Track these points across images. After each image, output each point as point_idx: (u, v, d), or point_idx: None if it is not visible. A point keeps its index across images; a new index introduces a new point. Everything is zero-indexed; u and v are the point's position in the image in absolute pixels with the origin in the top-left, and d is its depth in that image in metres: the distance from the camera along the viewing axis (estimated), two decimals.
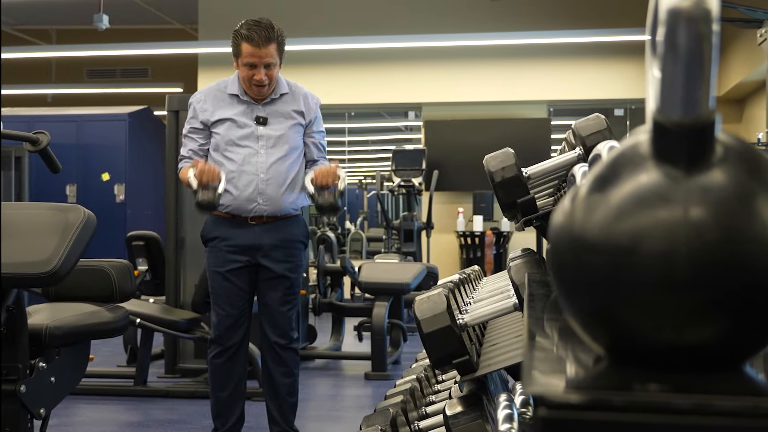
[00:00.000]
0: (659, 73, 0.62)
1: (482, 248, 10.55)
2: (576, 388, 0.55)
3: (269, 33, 3.67)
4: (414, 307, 2.02)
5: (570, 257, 0.61)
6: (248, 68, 3.70)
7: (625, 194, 0.59)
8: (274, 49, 3.70)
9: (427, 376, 3.06)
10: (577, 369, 0.64)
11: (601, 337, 0.63)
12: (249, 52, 3.67)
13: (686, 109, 0.59)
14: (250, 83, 3.73)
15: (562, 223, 0.63)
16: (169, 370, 5.94)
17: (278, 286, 3.81)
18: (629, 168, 0.60)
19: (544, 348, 0.78)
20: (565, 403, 0.52)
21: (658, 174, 0.59)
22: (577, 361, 0.67)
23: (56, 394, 2.86)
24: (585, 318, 0.63)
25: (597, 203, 0.60)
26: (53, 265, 2.53)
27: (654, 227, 0.57)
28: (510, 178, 2.25)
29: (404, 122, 13.76)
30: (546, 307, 1.27)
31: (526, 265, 2.17)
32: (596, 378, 0.60)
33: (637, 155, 0.61)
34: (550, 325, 1.00)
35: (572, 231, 0.61)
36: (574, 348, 0.73)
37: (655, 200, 0.58)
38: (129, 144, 10.65)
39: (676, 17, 0.58)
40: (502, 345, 2.26)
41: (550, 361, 0.68)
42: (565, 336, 0.88)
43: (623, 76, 10.86)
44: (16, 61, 13.13)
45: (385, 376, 6.00)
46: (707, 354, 0.59)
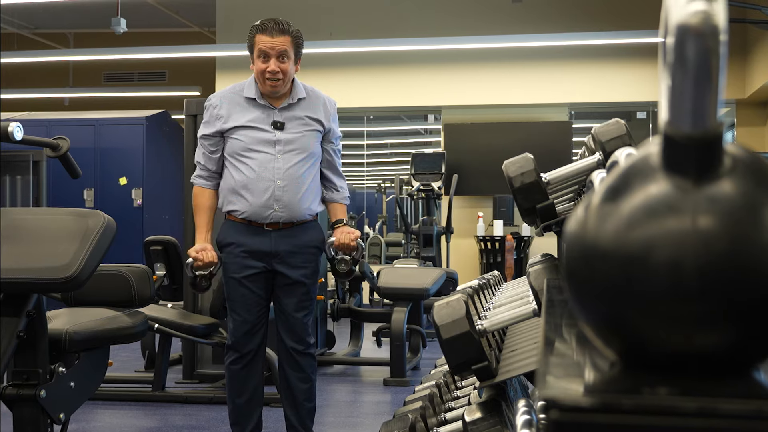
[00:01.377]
0: (668, 86, 0.64)
1: (502, 253, 10.54)
2: (587, 392, 0.58)
3: (283, 25, 3.73)
4: (433, 312, 2.04)
5: (582, 265, 0.64)
6: (262, 60, 3.73)
7: (636, 204, 0.62)
8: (288, 42, 3.73)
9: (446, 382, 3.08)
10: (590, 374, 0.67)
11: (612, 343, 0.65)
12: (262, 41, 3.72)
13: (695, 122, 0.62)
14: (263, 78, 3.75)
15: (575, 231, 0.66)
16: (187, 375, 5.99)
17: (294, 292, 3.83)
18: (640, 179, 0.63)
19: (561, 353, 0.80)
20: (576, 406, 0.55)
21: (668, 185, 0.61)
22: (590, 366, 0.69)
23: (76, 399, 2.90)
24: (597, 324, 0.65)
25: (609, 213, 0.63)
26: (73, 271, 2.57)
27: (664, 237, 0.60)
28: (529, 184, 2.27)
29: (424, 125, 13.80)
30: (564, 312, 1.29)
31: (546, 270, 2.19)
32: (607, 382, 0.63)
33: (648, 166, 0.64)
34: (568, 330, 1.02)
35: (584, 239, 0.64)
36: (590, 353, 0.75)
37: (664, 211, 0.60)
38: (146, 148, 10.72)
39: (684, 32, 0.61)
40: (521, 351, 2.27)
41: (565, 366, 0.71)
42: (582, 342, 0.91)
43: (646, 79, 10.83)
44: (33, 65, 13.26)
45: (404, 382, 6.02)
46: (716, 359, 0.62)
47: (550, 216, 2.27)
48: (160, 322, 5.26)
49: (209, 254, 3.77)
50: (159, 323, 5.26)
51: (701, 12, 0.60)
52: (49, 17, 13.15)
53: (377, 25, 11.15)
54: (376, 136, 13.50)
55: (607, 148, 2.19)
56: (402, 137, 14.59)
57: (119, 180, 10.62)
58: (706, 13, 0.60)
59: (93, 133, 10.66)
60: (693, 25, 0.60)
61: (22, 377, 2.74)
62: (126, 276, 3.39)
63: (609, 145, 2.19)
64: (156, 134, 11.00)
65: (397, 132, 14.37)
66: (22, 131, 2.64)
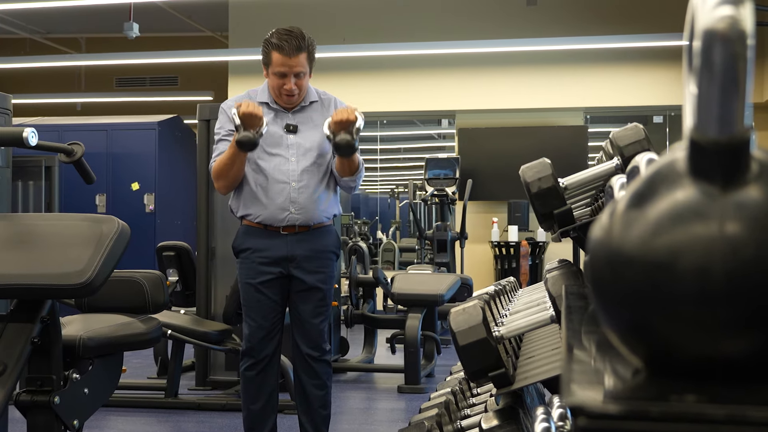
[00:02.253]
0: (695, 91, 0.65)
1: (517, 259, 10.53)
2: (615, 399, 0.58)
3: (300, 42, 3.71)
4: (449, 319, 2.04)
5: (608, 271, 0.64)
6: (278, 77, 3.74)
7: (662, 210, 0.62)
8: (304, 59, 3.74)
9: (461, 389, 3.08)
10: (615, 380, 0.67)
11: (638, 350, 0.66)
12: (279, 62, 3.71)
13: (722, 128, 0.62)
14: (279, 92, 3.78)
15: (600, 237, 0.66)
16: (200, 382, 6.00)
17: (310, 297, 3.83)
18: (666, 184, 0.63)
19: (583, 360, 0.80)
20: (604, 413, 0.55)
21: (695, 191, 0.62)
22: (615, 373, 0.69)
23: (90, 405, 2.91)
24: (622, 331, 0.65)
25: (634, 219, 0.63)
26: (87, 276, 2.58)
27: (690, 243, 0.60)
28: (546, 189, 2.26)
29: (437, 130, 13.81)
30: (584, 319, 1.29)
31: (563, 276, 2.19)
32: (634, 389, 0.63)
33: (674, 172, 0.64)
34: (588, 337, 1.02)
35: (610, 245, 0.64)
36: (612, 360, 0.75)
37: (691, 216, 0.61)
38: (158, 153, 10.75)
39: (711, 38, 0.61)
40: (538, 358, 2.27)
41: (589, 372, 0.71)
42: (602, 348, 0.91)
43: (662, 83, 10.80)
44: (45, 69, 13.31)
45: (418, 389, 6.02)
46: (743, 366, 0.62)
47: (567, 222, 2.27)
48: (173, 328, 5.28)
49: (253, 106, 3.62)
50: (172, 329, 5.27)
51: (728, 17, 0.60)
52: (61, 22, 13.21)
53: (390, 30, 11.16)
54: (389, 140, 13.50)
55: (626, 152, 2.19)
56: (415, 142, 14.60)
57: (131, 185, 10.65)
58: (734, 18, 0.60)
59: (105, 138, 10.70)
60: (720, 30, 0.61)
61: (36, 384, 2.75)
62: (140, 282, 3.40)
63: (627, 150, 2.19)
64: (168, 139, 11.03)
65: (410, 137, 14.38)
66: (36, 137, 2.66)
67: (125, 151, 10.73)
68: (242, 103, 3.60)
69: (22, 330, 2.66)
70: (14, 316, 2.69)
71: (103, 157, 10.44)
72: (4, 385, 2.56)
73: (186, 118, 11.56)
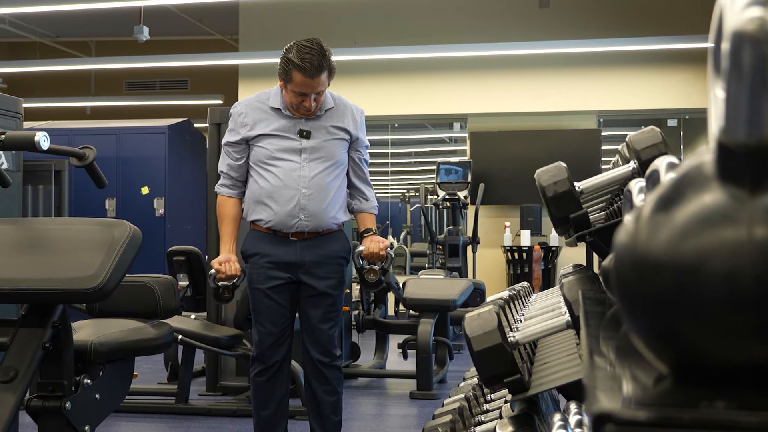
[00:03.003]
0: (723, 94, 0.64)
1: (530, 264, 10.51)
2: (644, 406, 0.58)
3: (322, 62, 3.63)
4: (464, 324, 2.04)
5: (634, 275, 0.63)
6: (297, 95, 3.70)
7: (690, 214, 0.61)
8: (325, 77, 3.68)
9: (475, 395, 3.07)
10: (640, 387, 0.67)
11: (664, 355, 0.65)
12: (301, 82, 3.64)
13: (750, 130, 0.61)
14: (297, 108, 3.76)
15: (626, 241, 0.66)
16: (211, 387, 6.00)
17: (320, 303, 3.83)
18: (693, 188, 0.63)
19: (605, 366, 0.80)
20: (633, 420, 0.55)
21: (723, 194, 0.61)
22: (639, 380, 0.69)
23: (101, 411, 2.92)
24: (648, 336, 0.65)
25: (661, 223, 0.63)
26: (99, 281, 2.58)
27: (719, 247, 0.60)
28: (562, 193, 2.26)
29: (449, 134, 13.80)
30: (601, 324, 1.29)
31: (579, 281, 2.18)
32: (662, 396, 0.63)
33: (701, 175, 0.64)
34: (607, 343, 1.02)
35: (636, 249, 0.64)
36: (634, 366, 0.75)
37: (720, 220, 0.60)
38: (168, 157, 10.77)
39: (740, 39, 0.61)
40: (554, 363, 2.26)
41: (612, 379, 0.71)
42: (622, 354, 0.90)
43: (676, 85, 10.78)
44: (55, 73, 13.38)
45: (430, 395, 6.01)
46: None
47: (583, 226, 2.26)
48: (183, 333, 5.28)
49: (232, 266, 3.79)
50: (183, 335, 5.27)
51: (758, 18, 0.60)
52: (71, 25, 13.27)
53: (402, 33, 11.16)
54: (400, 144, 13.51)
55: (643, 156, 2.19)
56: (427, 146, 14.60)
57: (141, 189, 10.68)
58: (763, 20, 0.60)
59: (115, 142, 10.73)
60: (749, 31, 0.60)
61: (47, 389, 2.75)
62: (151, 287, 3.41)
63: (644, 154, 2.19)
64: (178, 143, 11.05)
65: (421, 140, 14.38)
66: (48, 140, 2.67)
67: (135, 155, 10.75)
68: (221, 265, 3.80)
69: (34, 335, 2.67)
70: (25, 321, 2.70)
71: (113, 161, 10.46)
72: (15, 390, 2.57)
73: (196, 121, 11.59)
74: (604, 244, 2.32)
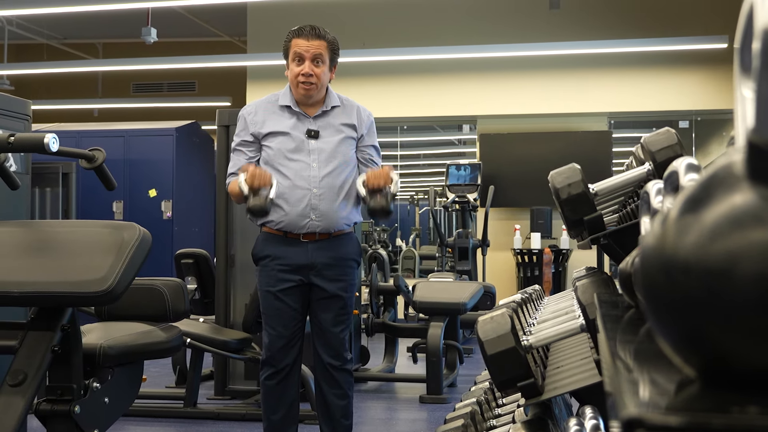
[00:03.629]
0: (752, 93, 0.63)
1: (540, 267, 10.50)
2: (675, 411, 0.57)
3: (320, 31, 3.80)
4: (477, 327, 2.03)
5: (662, 278, 0.63)
6: (296, 63, 3.77)
7: (719, 215, 0.61)
8: (323, 46, 3.78)
9: (487, 399, 3.07)
10: (668, 392, 0.66)
11: (692, 359, 0.64)
12: (297, 44, 3.77)
13: None
14: (297, 81, 3.78)
15: (653, 243, 0.65)
16: (219, 391, 6.00)
17: (331, 305, 3.82)
18: (723, 189, 0.62)
19: (627, 371, 0.79)
20: (664, 425, 0.54)
21: (753, 195, 0.60)
22: (666, 384, 0.68)
23: (110, 414, 2.91)
24: (676, 339, 0.64)
25: (690, 224, 0.62)
26: (109, 284, 2.58)
27: (749, 248, 0.59)
28: (577, 195, 2.25)
29: (458, 136, 13.80)
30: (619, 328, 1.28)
31: (594, 284, 2.17)
32: (692, 400, 0.62)
33: (731, 176, 0.63)
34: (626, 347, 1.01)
35: (664, 252, 0.63)
36: (658, 370, 0.74)
37: (750, 221, 0.59)
38: (176, 159, 10.78)
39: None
40: (567, 367, 2.25)
41: (637, 383, 0.70)
42: (644, 358, 0.89)
43: (688, 87, 10.76)
44: (62, 75, 13.40)
45: (440, 399, 6.00)
46: None
47: (598, 228, 2.26)
48: (192, 336, 5.27)
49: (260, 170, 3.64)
50: (191, 338, 5.27)
51: None
52: (78, 27, 13.30)
53: (411, 34, 11.16)
54: (409, 146, 13.51)
55: (658, 158, 2.18)
56: (436, 148, 14.60)
57: (149, 192, 10.69)
58: None
59: (122, 144, 10.74)
60: None
61: (56, 393, 2.75)
62: (160, 290, 3.40)
63: (659, 155, 2.18)
64: (186, 145, 11.07)
65: (431, 143, 14.38)
66: (57, 142, 2.67)
67: (142, 157, 10.76)
68: (249, 169, 3.59)
69: (43, 338, 2.67)
70: (34, 324, 2.70)
71: (120, 164, 10.47)
72: (24, 394, 2.57)
73: (204, 123, 11.60)
74: (619, 247, 2.31)
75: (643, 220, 1.53)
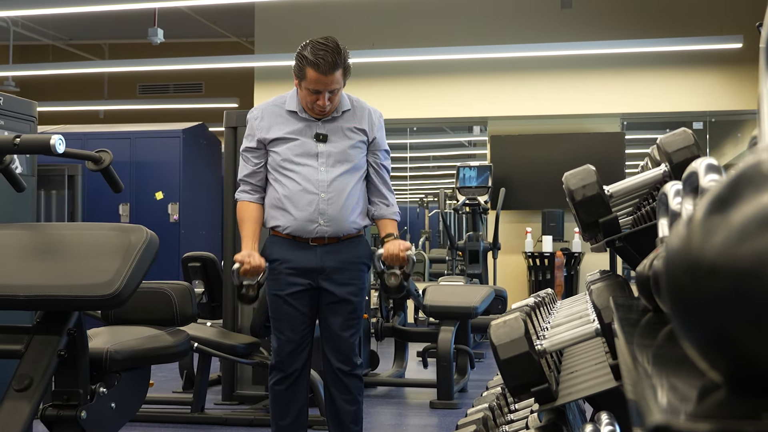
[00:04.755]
0: None
1: (552, 270, 10.48)
2: (703, 417, 0.56)
3: (336, 58, 3.64)
4: (490, 332, 2.02)
5: (688, 281, 0.62)
6: (311, 93, 3.70)
7: (748, 215, 0.60)
8: (340, 75, 3.68)
9: (499, 405, 3.05)
10: (694, 398, 0.65)
11: (719, 364, 0.63)
12: (314, 79, 3.65)
13: None
14: (312, 107, 3.75)
15: (679, 245, 0.64)
16: (227, 396, 6.00)
17: (341, 310, 3.81)
18: (752, 188, 0.61)
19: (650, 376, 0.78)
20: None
21: None
22: (691, 390, 0.67)
23: (117, 420, 2.91)
24: (703, 343, 0.63)
25: (717, 225, 0.61)
26: (116, 288, 2.57)
27: None
28: (591, 197, 2.24)
29: (469, 137, 13.78)
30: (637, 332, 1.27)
31: (609, 288, 2.16)
32: (719, 407, 0.61)
33: (760, 175, 0.62)
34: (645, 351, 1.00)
35: (690, 253, 0.62)
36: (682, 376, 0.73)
37: None
38: (183, 161, 10.78)
39: None
40: (582, 372, 2.24)
41: (660, 389, 0.69)
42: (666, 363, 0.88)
43: (702, 87, 10.73)
44: (67, 77, 13.43)
45: (451, 404, 5.99)
46: None
47: (613, 231, 2.24)
48: (199, 341, 5.27)
49: (256, 259, 3.73)
50: (199, 342, 5.27)
51: None
52: (84, 28, 13.33)
53: (421, 34, 11.16)
54: (419, 148, 13.49)
55: (674, 159, 2.16)
56: (446, 150, 14.58)
57: (155, 194, 10.69)
58: None
59: (128, 146, 10.75)
60: None
61: (63, 398, 2.75)
62: (168, 293, 3.40)
63: (676, 156, 2.16)
64: (193, 147, 11.07)
65: (440, 144, 14.36)
66: (64, 144, 2.66)
67: (149, 159, 10.77)
68: (245, 260, 3.69)
69: (49, 343, 2.66)
70: (40, 328, 2.69)
71: (127, 166, 10.48)
72: (30, 399, 2.56)
73: (211, 125, 11.61)
74: (634, 249, 2.30)
75: (660, 222, 1.52)
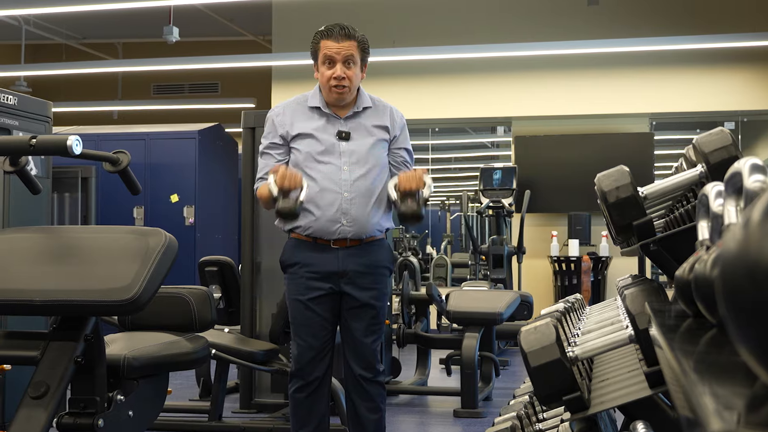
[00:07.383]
0: None
1: (578, 275, 10.44)
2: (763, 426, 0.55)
3: (349, 30, 3.77)
4: (520, 338, 2.01)
5: (747, 284, 0.61)
6: (327, 66, 3.75)
7: None
8: (354, 47, 3.76)
9: (527, 414, 3.04)
10: (752, 406, 0.64)
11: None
12: (327, 46, 3.74)
13: None
14: (329, 86, 3.77)
15: (736, 247, 0.63)
16: (245, 404, 6.00)
17: (363, 315, 3.80)
18: None
19: (699, 384, 0.77)
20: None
21: None
22: (748, 397, 0.66)
23: (134, 428, 2.91)
24: (762, 348, 0.62)
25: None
26: (134, 292, 2.58)
27: None
28: (625, 199, 2.23)
29: (492, 138, 13.76)
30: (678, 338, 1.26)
31: (643, 293, 2.15)
32: None
33: None
34: (691, 358, 0.99)
35: (748, 255, 0.61)
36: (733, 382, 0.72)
37: None
38: (199, 163, 10.80)
39: None
40: (614, 380, 2.23)
41: (715, 397, 0.68)
42: (714, 370, 0.87)
43: (734, 86, 10.67)
44: (81, 76, 13.48)
45: (475, 413, 5.97)
46: None
47: (648, 234, 2.23)
48: (216, 347, 5.27)
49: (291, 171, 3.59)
50: (216, 349, 5.27)
51: None
52: (97, 27, 13.38)
53: (443, 32, 11.14)
54: (441, 149, 13.48)
55: (711, 159, 2.14)
56: (468, 151, 14.57)
57: (170, 197, 10.71)
58: None
59: (143, 147, 10.77)
60: None
61: (79, 405, 2.75)
62: (186, 298, 3.40)
63: (713, 157, 2.14)
64: (209, 149, 11.09)
65: (463, 145, 14.35)
66: (81, 145, 2.67)
67: (164, 161, 10.79)
68: (279, 170, 3.55)
69: (65, 349, 2.67)
70: (56, 334, 2.70)
71: (141, 168, 10.50)
72: (46, 406, 2.57)
73: (227, 126, 11.63)
74: (668, 253, 2.28)
75: (700, 224, 1.50)
